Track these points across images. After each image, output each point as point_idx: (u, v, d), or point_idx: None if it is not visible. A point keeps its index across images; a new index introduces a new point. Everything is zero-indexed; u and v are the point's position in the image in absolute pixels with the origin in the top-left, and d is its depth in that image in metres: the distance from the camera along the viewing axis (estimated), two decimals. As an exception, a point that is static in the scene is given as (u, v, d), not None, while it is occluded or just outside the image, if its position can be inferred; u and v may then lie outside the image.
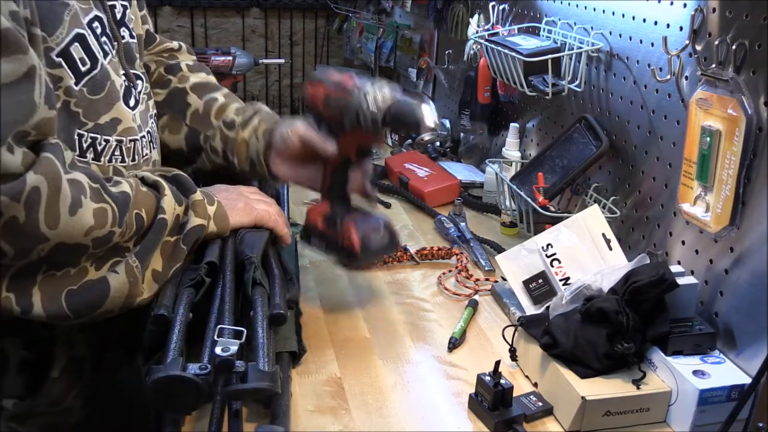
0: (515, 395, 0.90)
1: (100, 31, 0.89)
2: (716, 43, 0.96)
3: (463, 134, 1.92)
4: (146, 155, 0.98)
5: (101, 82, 0.88)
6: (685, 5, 1.05)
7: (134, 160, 0.95)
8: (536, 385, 0.96)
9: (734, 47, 0.92)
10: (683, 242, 1.07)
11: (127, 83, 0.94)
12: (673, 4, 1.07)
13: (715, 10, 0.97)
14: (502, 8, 1.64)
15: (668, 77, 1.07)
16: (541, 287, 1.07)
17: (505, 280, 1.16)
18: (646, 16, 1.15)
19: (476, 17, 1.74)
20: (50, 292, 0.77)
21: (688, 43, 1.02)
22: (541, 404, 0.91)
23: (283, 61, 2.50)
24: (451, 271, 1.29)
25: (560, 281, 1.06)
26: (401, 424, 0.89)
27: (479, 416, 0.90)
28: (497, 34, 1.54)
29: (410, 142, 1.91)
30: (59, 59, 0.82)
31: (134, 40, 0.99)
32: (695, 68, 1.00)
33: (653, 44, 1.14)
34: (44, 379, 0.90)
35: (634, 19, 1.19)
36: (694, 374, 0.88)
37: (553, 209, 1.35)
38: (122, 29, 0.95)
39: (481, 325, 1.12)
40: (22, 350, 0.88)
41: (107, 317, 0.83)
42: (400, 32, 2.42)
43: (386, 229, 1.06)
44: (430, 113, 0.95)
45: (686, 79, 1.05)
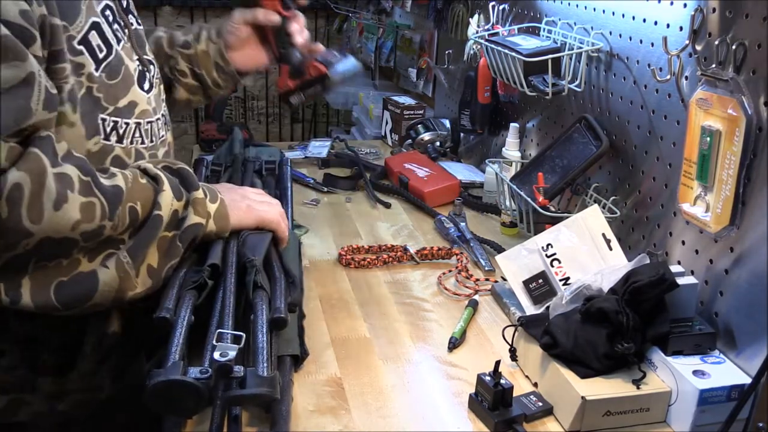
0: (515, 395, 0.90)
1: (111, 18, 0.91)
2: (716, 43, 0.96)
3: (463, 134, 1.92)
4: (162, 136, 1.01)
5: (117, 67, 0.90)
6: (685, 5, 1.05)
7: (152, 141, 0.97)
8: (536, 385, 0.96)
9: (734, 47, 0.92)
10: (683, 242, 1.07)
11: (141, 68, 0.97)
12: (673, 4, 1.07)
13: (715, 10, 0.97)
14: (502, 8, 1.64)
15: (668, 77, 1.07)
16: (541, 287, 1.08)
17: (505, 280, 1.16)
18: (646, 16, 1.15)
19: (476, 17, 1.74)
20: (40, 283, 0.78)
21: (688, 43, 1.02)
22: (541, 404, 0.91)
23: None
24: (451, 271, 1.29)
25: (560, 281, 1.06)
26: (401, 424, 0.89)
27: (479, 416, 0.90)
28: (497, 34, 1.54)
29: (410, 142, 1.92)
30: (80, 47, 0.84)
31: (141, 26, 1.02)
32: (695, 68, 1.00)
33: (653, 44, 1.14)
34: (76, 355, 0.92)
35: (634, 19, 1.19)
36: (694, 374, 0.88)
37: (553, 209, 1.35)
38: (129, 16, 0.98)
39: (481, 325, 1.12)
40: (58, 329, 0.90)
41: (98, 310, 0.84)
42: (400, 32, 2.42)
43: (342, 53, 1.23)
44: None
45: (686, 79, 1.05)
